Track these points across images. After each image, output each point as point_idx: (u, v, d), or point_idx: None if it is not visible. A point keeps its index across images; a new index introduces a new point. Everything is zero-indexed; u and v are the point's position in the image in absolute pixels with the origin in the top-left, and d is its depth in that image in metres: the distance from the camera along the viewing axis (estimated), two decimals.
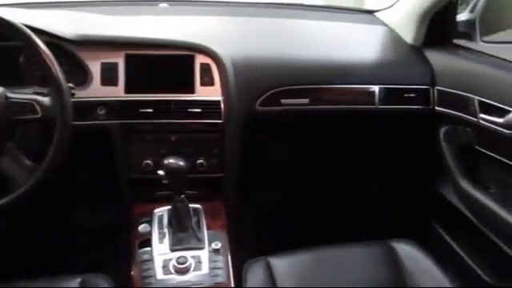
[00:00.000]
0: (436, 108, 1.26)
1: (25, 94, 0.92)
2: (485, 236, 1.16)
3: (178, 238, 1.02)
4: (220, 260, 0.99)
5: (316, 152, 1.56)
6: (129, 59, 1.10)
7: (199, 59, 1.12)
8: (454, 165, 1.23)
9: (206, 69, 1.12)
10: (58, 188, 1.15)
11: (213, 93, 1.12)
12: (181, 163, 0.99)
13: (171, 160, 0.99)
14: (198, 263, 0.97)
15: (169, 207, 1.09)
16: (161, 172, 1.02)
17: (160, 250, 1.00)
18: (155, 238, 1.04)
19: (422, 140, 1.36)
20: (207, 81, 1.12)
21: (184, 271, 0.95)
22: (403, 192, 1.53)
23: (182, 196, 1.03)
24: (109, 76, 1.08)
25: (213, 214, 1.13)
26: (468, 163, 1.23)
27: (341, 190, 1.59)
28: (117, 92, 1.09)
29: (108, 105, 1.08)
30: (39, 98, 0.90)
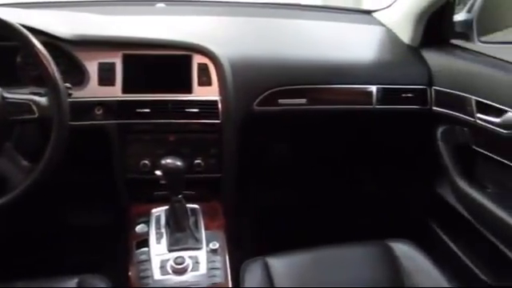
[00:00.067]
0: (433, 108, 1.26)
1: (22, 94, 0.92)
2: (482, 235, 1.16)
3: (176, 239, 1.02)
4: (218, 260, 0.99)
5: (314, 152, 1.56)
6: (126, 59, 1.10)
7: (197, 59, 1.12)
8: (452, 165, 1.24)
9: (204, 69, 1.12)
10: (55, 188, 1.15)
11: (210, 93, 1.12)
12: (178, 163, 0.99)
13: (169, 160, 0.99)
14: (196, 263, 0.97)
15: (166, 207, 1.09)
16: (158, 172, 1.02)
17: (157, 251, 1.00)
18: (153, 239, 1.03)
19: (420, 140, 1.36)
20: (205, 81, 1.12)
21: (182, 271, 0.95)
22: (401, 192, 1.53)
23: (180, 196, 1.02)
24: (106, 76, 1.08)
25: (210, 214, 1.12)
26: (465, 163, 1.24)
27: (338, 190, 1.59)
28: (114, 92, 1.08)
29: (105, 105, 1.07)
30: (36, 98, 0.90)
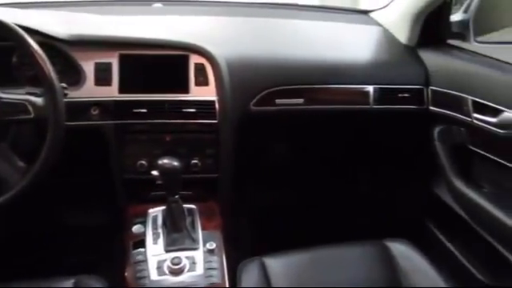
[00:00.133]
0: (430, 108, 1.26)
1: (17, 95, 0.91)
2: (479, 235, 1.16)
3: (173, 239, 1.02)
4: (215, 260, 0.99)
5: (311, 152, 1.56)
6: (123, 59, 1.09)
7: (194, 59, 1.12)
8: (448, 164, 1.24)
9: (201, 69, 1.12)
10: (52, 189, 1.15)
11: (207, 93, 1.11)
12: (175, 163, 0.99)
13: (165, 160, 0.99)
14: (193, 264, 0.97)
15: (163, 208, 1.09)
16: (155, 172, 1.02)
17: (154, 251, 1.00)
18: (149, 239, 1.03)
19: (417, 140, 1.36)
20: (202, 81, 1.11)
21: (178, 272, 0.95)
22: (397, 191, 1.53)
23: (177, 196, 1.02)
24: (102, 76, 1.08)
25: (207, 215, 1.12)
26: (462, 163, 1.24)
27: (335, 190, 1.59)
28: (111, 92, 1.08)
29: (102, 105, 1.07)
30: (32, 99, 0.90)
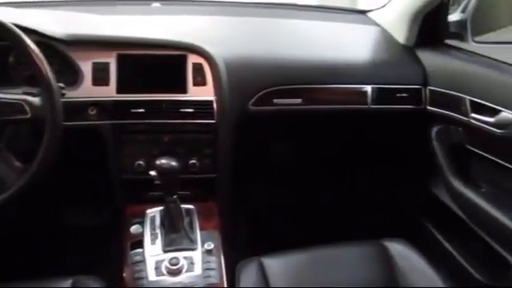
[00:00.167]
0: (428, 108, 1.26)
1: (14, 94, 0.91)
2: (476, 235, 1.17)
3: (171, 239, 1.02)
4: (213, 261, 0.99)
5: (309, 152, 1.56)
6: (120, 59, 1.09)
7: (191, 59, 1.12)
8: (446, 164, 1.24)
9: (199, 69, 1.11)
10: (50, 189, 1.14)
11: (205, 93, 1.11)
12: (173, 163, 0.99)
13: (163, 160, 0.99)
14: (191, 264, 0.96)
15: (161, 208, 1.08)
16: (153, 172, 1.02)
17: (152, 251, 1.00)
18: (147, 239, 1.03)
19: (415, 140, 1.36)
20: (200, 81, 1.11)
21: (176, 272, 0.94)
22: (395, 191, 1.53)
23: (175, 197, 1.02)
24: (100, 76, 1.08)
25: (205, 215, 1.12)
26: (459, 162, 1.24)
27: (334, 190, 1.59)
28: (108, 92, 1.08)
29: (99, 105, 1.07)
30: (29, 98, 0.90)
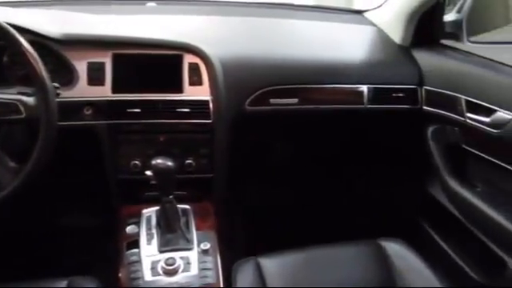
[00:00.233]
0: (424, 107, 1.27)
1: (8, 94, 0.90)
2: (473, 234, 1.17)
3: (167, 239, 1.02)
4: (209, 261, 0.99)
5: (306, 152, 1.56)
6: (116, 59, 1.08)
7: (187, 59, 1.11)
8: (442, 164, 1.24)
9: (195, 68, 1.11)
10: (45, 189, 1.14)
11: (201, 92, 1.11)
12: (169, 163, 0.98)
13: (159, 160, 0.98)
14: (187, 264, 0.96)
15: (157, 208, 1.08)
16: (149, 172, 1.01)
17: (148, 252, 0.99)
18: (143, 240, 1.03)
19: (411, 139, 1.36)
20: (196, 80, 1.11)
21: (172, 272, 0.94)
22: (392, 191, 1.53)
23: (171, 197, 1.02)
24: (95, 76, 1.07)
25: (202, 215, 1.12)
26: (455, 162, 1.25)
27: (330, 190, 1.59)
28: (104, 92, 1.07)
29: (95, 105, 1.06)
30: (23, 98, 0.89)
